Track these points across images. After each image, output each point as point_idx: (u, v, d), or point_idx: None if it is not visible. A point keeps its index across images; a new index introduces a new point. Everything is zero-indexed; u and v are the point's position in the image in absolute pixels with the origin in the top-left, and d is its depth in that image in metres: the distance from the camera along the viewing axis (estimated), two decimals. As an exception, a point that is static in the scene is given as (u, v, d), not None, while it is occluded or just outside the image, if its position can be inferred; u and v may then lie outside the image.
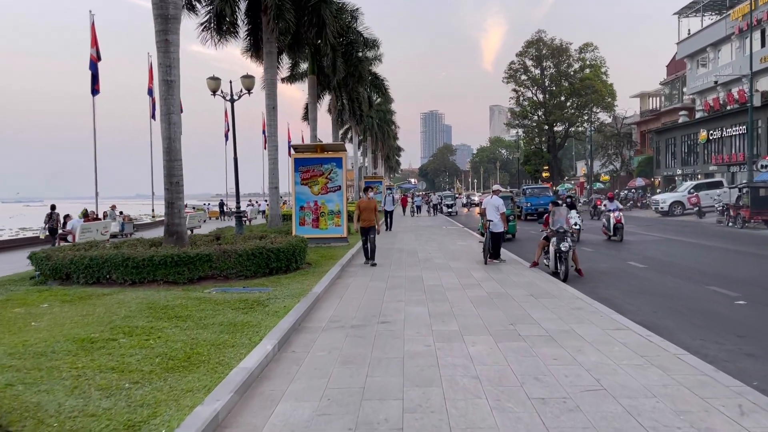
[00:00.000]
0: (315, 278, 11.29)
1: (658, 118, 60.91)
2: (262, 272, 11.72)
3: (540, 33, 77.67)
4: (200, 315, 7.93)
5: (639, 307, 9.22)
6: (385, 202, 25.02)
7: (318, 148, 18.06)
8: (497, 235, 13.97)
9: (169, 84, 13.13)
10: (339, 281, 11.54)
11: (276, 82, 23.24)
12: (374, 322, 7.80)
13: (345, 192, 18.17)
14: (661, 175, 53.77)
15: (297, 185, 18.11)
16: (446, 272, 12.53)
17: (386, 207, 25.02)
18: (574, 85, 73.81)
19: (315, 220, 18.16)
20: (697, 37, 50.59)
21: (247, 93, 18.41)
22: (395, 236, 22.49)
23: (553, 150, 78.36)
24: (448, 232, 24.83)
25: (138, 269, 10.83)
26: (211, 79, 17.87)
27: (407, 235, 23.32)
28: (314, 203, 18.14)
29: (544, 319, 7.78)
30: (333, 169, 18.02)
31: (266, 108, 22.92)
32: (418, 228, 28.32)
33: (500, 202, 14.07)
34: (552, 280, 11.39)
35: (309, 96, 34.14)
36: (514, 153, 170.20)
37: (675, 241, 20.46)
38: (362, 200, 13.95)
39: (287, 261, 12.21)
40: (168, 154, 12.88)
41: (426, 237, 22.46)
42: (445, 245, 18.84)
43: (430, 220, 35.18)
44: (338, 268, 12.73)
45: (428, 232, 24.90)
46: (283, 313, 7.98)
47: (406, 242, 20.18)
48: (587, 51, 77.56)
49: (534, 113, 79.90)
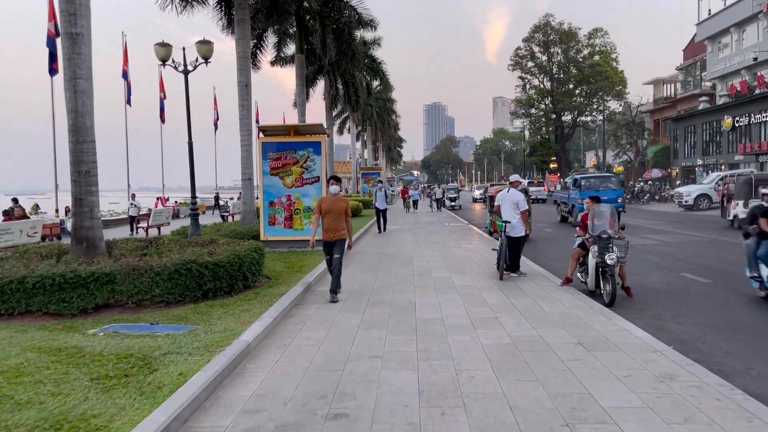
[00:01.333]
0: (262, 306, 7.94)
1: (674, 105, 57.27)
2: (192, 296, 8.39)
3: (548, 17, 73.99)
4: (21, 395, 4.60)
5: (749, 361, 5.87)
6: (377, 198, 20.61)
7: (291, 130, 14.69)
8: (516, 241, 10.60)
9: (73, 38, 9.85)
10: (296, 311, 8.17)
11: (249, 56, 19.88)
12: (320, 414, 4.43)
13: (325, 182, 14.80)
14: (679, 166, 50.23)
15: (266, 176, 14.75)
16: (449, 294, 9.16)
17: (377, 204, 20.71)
18: (583, 71, 70.17)
19: (288, 218, 14.81)
20: (720, 17, 46.89)
21: (204, 63, 15.01)
22: (388, 237, 19.09)
23: (561, 140, 74.78)
24: (452, 231, 21.46)
25: (2, 296, 7.50)
26: (159, 45, 14.47)
27: (403, 236, 19.95)
28: (287, 198, 14.78)
29: (622, 409, 4.43)
30: (309, 156, 14.66)
31: (238, 85, 19.52)
32: (416, 225, 24.94)
33: (520, 197, 10.69)
34: (596, 308, 8.05)
35: (297, 77, 30.75)
36: (519, 144, 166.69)
37: (723, 242, 17.04)
38: (325, 198, 9.14)
39: (230, 279, 8.88)
40: (75, 133, 9.55)
41: (425, 237, 19.09)
42: (447, 249, 15.46)
43: (432, 216, 31.70)
44: (301, 287, 9.36)
45: (428, 231, 21.53)
46: (168, 391, 4.65)
47: (401, 245, 16.80)
48: (597, 36, 73.92)
49: (541, 102, 76.33)
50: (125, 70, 35.01)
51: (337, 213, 8.72)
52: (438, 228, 22.93)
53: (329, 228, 8.71)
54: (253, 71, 31.55)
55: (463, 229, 22.23)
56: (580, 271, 9.94)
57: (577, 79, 71.50)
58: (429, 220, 27.91)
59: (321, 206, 8.87)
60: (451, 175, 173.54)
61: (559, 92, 73.09)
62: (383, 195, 20.38)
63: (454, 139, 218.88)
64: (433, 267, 12.04)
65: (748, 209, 10.29)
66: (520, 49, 74.85)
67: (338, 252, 8.73)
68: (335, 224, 8.70)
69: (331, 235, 8.73)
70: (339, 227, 8.73)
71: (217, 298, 8.61)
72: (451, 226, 24.15)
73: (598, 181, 25.86)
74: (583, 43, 73.65)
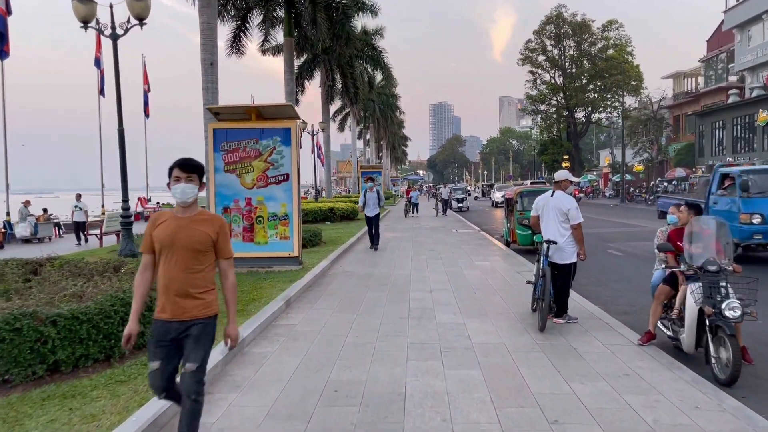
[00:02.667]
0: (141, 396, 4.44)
1: (697, 99, 53.40)
2: (26, 374, 4.93)
3: (560, 8, 70.07)
4: None
5: None
6: (365, 202, 15.35)
7: (252, 113, 11.15)
8: (564, 271, 7.02)
9: None
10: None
11: (216, 28, 16.37)
12: None
13: (297, 182, 11.28)
14: (704, 165, 46.40)
15: (218, 173, 11.24)
16: (464, 367, 5.56)
17: (367, 211, 15.37)
18: (597, 65, 66.31)
19: (248, 229, 11.29)
20: (750, 2, 43.11)
21: (138, 25, 11.51)
22: (381, 253, 15.35)
23: (574, 138, 71.03)
24: (461, 239, 17.89)
25: None
26: (79, 2, 10.98)
27: (401, 248, 16.39)
28: (246, 202, 11.27)
29: None
30: (276, 147, 11.15)
31: (202, 64, 16.03)
32: (418, 232, 21.38)
33: (570, 204, 7.03)
34: (715, 396, 4.54)
35: (285, 63, 27.24)
36: (526, 143, 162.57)
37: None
38: (162, 216, 3.73)
39: (106, 339, 5.41)
40: None
41: (428, 250, 15.53)
42: (457, 268, 11.91)
43: (437, 221, 27.94)
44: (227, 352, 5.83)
45: (432, 241, 17.96)
46: None
47: (397, 262, 13.25)
48: (611, 29, 70.05)
49: (552, 98, 72.50)
50: (98, 57, 31.57)
51: (190, 251, 3.54)
52: (444, 236, 19.34)
53: (169, 290, 3.51)
54: (238, 57, 28.10)
55: (474, 237, 18.66)
56: (666, 319, 6.40)
57: (591, 73, 67.66)
58: (434, 226, 24.34)
59: (152, 234, 3.66)
60: (458, 175, 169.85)
61: (571, 87, 69.25)
62: (374, 198, 15.40)
63: (461, 138, 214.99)
64: (438, 302, 8.46)
65: None
66: (530, 42, 71.14)
67: (193, 362, 3.45)
68: (183, 281, 3.52)
69: (176, 312, 3.50)
70: (193, 288, 3.55)
71: (80, 372, 5.15)
72: (460, 233, 20.58)
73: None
74: (597, 36, 69.82)
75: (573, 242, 6.97)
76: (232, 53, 27.46)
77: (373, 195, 15.35)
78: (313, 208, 25.07)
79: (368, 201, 15.31)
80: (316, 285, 9.99)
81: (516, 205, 15.61)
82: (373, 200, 15.30)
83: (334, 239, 17.14)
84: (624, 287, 10.07)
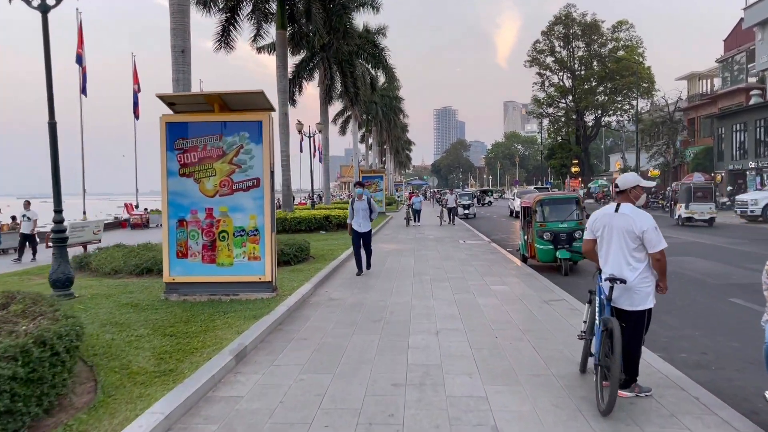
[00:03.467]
0: None
1: (714, 101, 51.07)
2: None
3: (569, 8, 67.81)
4: None
5: None
6: (356, 214, 11.93)
7: (214, 102, 8.94)
8: (636, 320, 4.76)
9: None
10: None
11: (188, 11, 14.25)
12: None
13: (270, 188, 9.05)
14: (724, 169, 44.05)
15: (171, 176, 9.02)
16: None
17: (355, 225, 11.94)
18: (607, 67, 63.96)
19: (209, 246, 9.06)
20: (773, -2, 40.82)
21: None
22: (376, 271, 12.85)
23: (584, 141, 68.71)
24: (470, 253, 15.65)
25: None
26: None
27: (400, 264, 14.18)
28: (206, 213, 9.05)
29: None
30: (244, 145, 8.94)
31: (172, 51, 13.96)
32: (421, 244, 19.15)
33: (646, 222, 4.70)
34: None
35: (277, 58, 25.17)
36: (532, 148, 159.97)
37: None
38: None
39: None
40: None
41: (432, 268, 13.31)
42: (469, 296, 9.65)
43: (442, 231, 25.52)
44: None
45: (437, 255, 15.74)
46: None
47: (394, 286, 11.00)
48: (621, 30, 67.76)
49: (561, 100, 70.17)
50: (79, 54, 29.51)
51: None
52: (451, 249, 17.09)
53: None
54: (226, 53, 26.02)
55: (484, 250, 16.40)
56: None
57: (601, 75, 65.35)
58: (439, 236, 22.09)
59: None
60: (462, 180, 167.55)
61: (580, 90, 66.93)
62: (366, 208, 11.96)
63: (465, 143, 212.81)
64: (447, 354, 6.19)
65: None
66: (539, 43, 68.94)
67: None
68: None
69: None
70: None
71: None
72: (469, 245, 18.32)
73: None
74: (607, 37, 67.55)
75: (649, 278, 4.72)
76: (221, 48, 25.36)
77: (362, 205, 11.97)
78: (307, 216, 22.88)
79: (357, 212, 11.95)
80: (288, 322, 7.76)
81: (535, 215, 13.38)
82: (363, 211, 11.93)
83: (324, 253, 14.91)
84: (701, 331, 7.78)
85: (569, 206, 13.60)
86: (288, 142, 25.40)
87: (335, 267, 12.65)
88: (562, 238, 13.05)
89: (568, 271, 12.84)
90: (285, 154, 25.03)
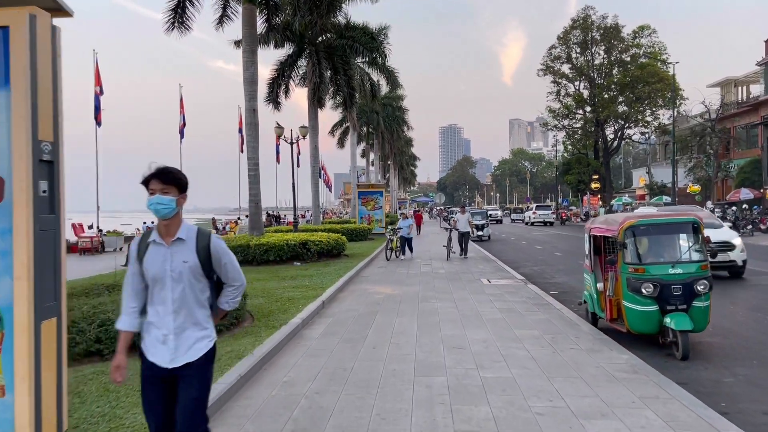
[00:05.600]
0: None
1: (756, 109, 45.50)
2: None
3: (588, 10, 62.47)
4: None
5: None
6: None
7: None
8: None
9: None
10: None
11: None
12: None
13: (28, 210, 3.44)
14: (775, 184, 38.30)
15: None
16: None
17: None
18: (629, 74, 58.42)
19: None
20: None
21: None
22: (341, 363, 7.42)
23: (604, 155, 63.00)
24: (505, 310, 9.91)
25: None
26: None
27: (391, 353, 8.53)
28: None
29: None
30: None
31: None
32: (427, 285, 13.42)
33: None
34: None
35: (243, 39, 19.80)
36: (539, 165, 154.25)
37: None
38: None
39: None
40: None
41: (450, 360, 7.62)
42: None
43: (453, 264, 18.78)
44: None
45: (450, 313, 10.00)
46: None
47: (374, 414, 5.28)
48: (643, 35, 62.33)
49: (577, 111, 64.56)
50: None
51: None
52: (471, 297, 11.29)
53: None
54: (180, 34, 20.77)
55: (525, 301, 10.60)
56: None
57: (622, 83, 59.76)
58: (450, 271, 16.36)
59: None
60: (468, 197, 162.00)
61: (600, 99, 61.34)
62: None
63: (471, 160, 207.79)
64: None
65: None
66: (554, 48, 63.51)
67: None
68: None
69: None
70: None
71: None
72: (496, 288, 12.53)
73: None
74: (627, 43, 62.17)
75: None
76: (173, 27, 20.02)
77: None
78: (276, 243, 17.12)
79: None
80: None
81: (625, 251, 7.70)
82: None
83: (275, 309, 9.10)
84: None
85: (683, 236, 7.91)
86: (257, 147, 19.87)
87: (273, 349, 6.93)
88: (675, 293, 7.35)
89: (688, 352, 7.16)
90: (253, 162, 19.50)
